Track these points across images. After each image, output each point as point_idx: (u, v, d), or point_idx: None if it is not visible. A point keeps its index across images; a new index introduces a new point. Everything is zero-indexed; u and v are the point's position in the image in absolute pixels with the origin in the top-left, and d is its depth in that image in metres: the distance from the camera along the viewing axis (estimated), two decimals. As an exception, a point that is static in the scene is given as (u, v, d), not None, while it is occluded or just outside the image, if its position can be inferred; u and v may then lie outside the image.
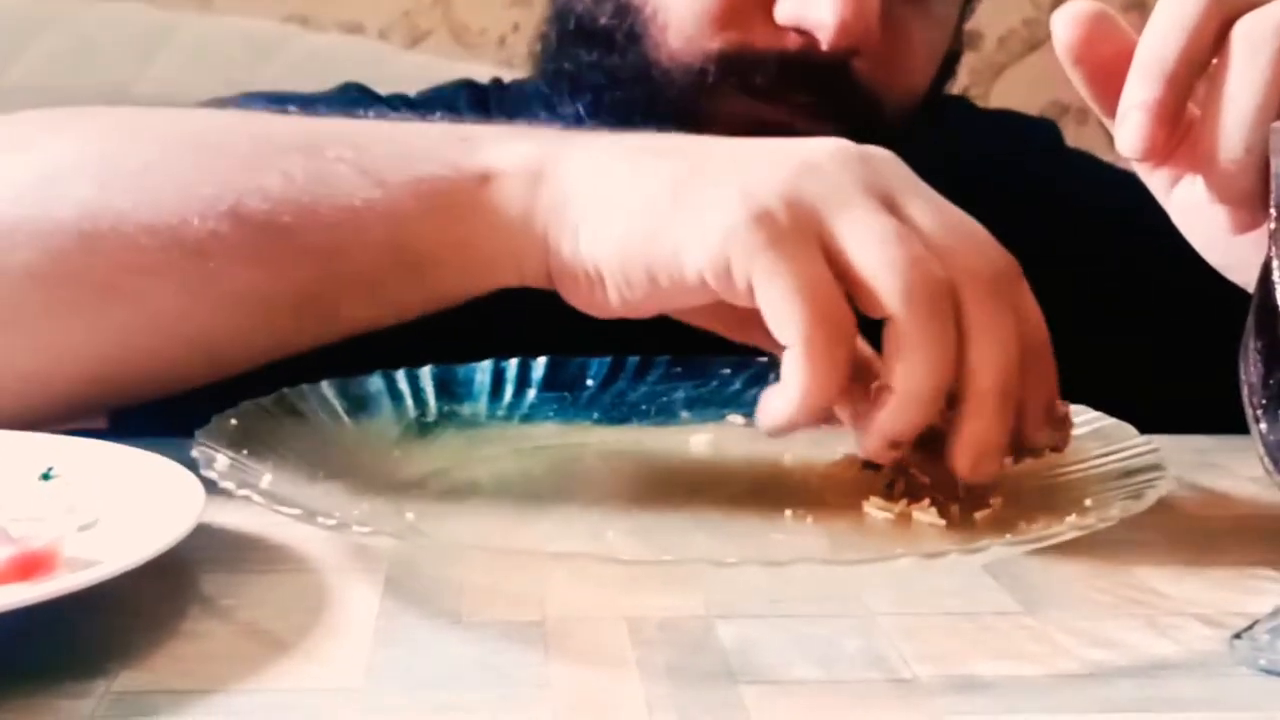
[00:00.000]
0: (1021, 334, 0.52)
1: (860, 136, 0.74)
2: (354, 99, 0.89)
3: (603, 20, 0.77)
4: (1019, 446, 0.54)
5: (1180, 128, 0.53)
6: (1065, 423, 0.55)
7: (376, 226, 0.59)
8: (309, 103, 0.85)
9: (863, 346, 0.54)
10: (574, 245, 0.57)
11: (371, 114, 0.69)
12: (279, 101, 0.84)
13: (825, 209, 0.52)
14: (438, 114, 0.72)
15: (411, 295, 0.61)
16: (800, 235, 0.51)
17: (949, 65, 0.82)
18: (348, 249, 0.59)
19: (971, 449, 0.52)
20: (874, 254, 0.51)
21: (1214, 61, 0.52)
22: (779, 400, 0.51)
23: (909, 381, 0.51)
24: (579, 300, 0.58)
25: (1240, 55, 0.51)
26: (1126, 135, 0.53)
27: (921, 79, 0.79)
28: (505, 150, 0.59)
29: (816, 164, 0.54)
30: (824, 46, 0.71)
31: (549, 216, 0.58)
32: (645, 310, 0.57)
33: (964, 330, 0.51)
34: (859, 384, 0.53)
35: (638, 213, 0.55)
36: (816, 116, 0.73)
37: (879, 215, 0.52)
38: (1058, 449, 0.55)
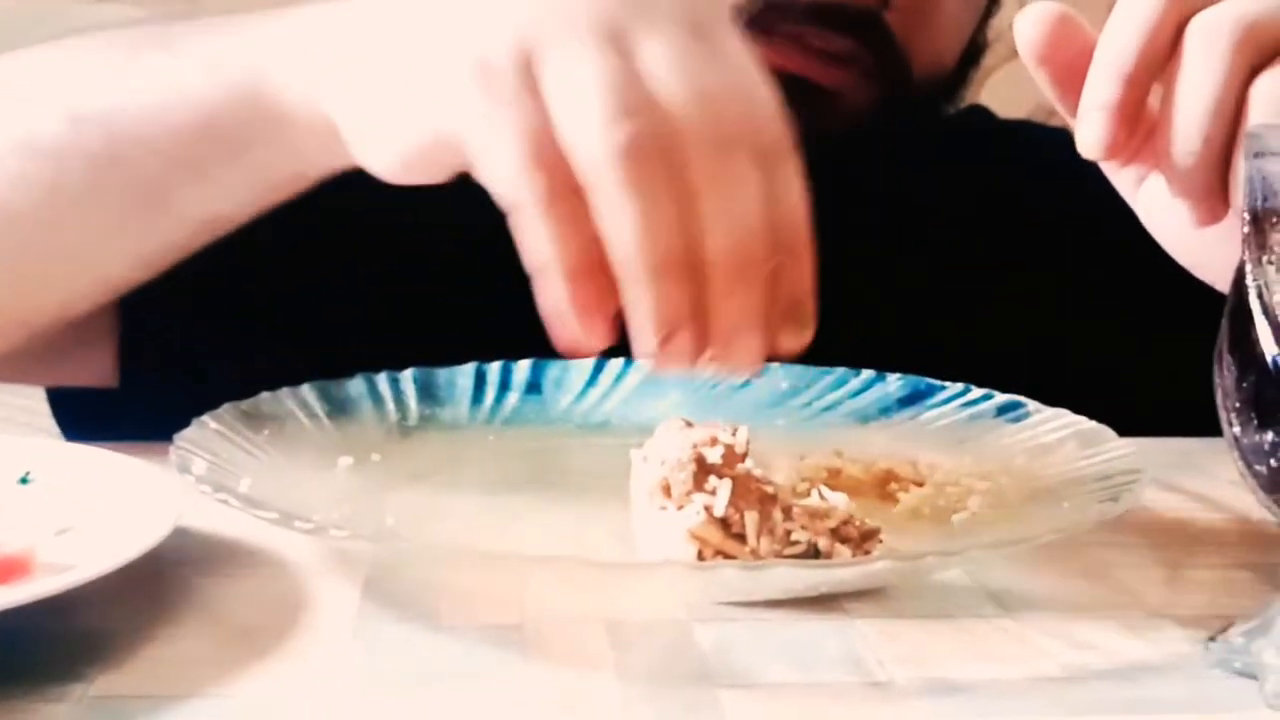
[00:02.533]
0: (776, 210, 0.47)
1: (892, 95, 0.75)
2: None
3: None
4: None
5: (1141, 127, 0.54)
6: (807, 323, 0.49)
7: (181, 110, 0.60)
8: None
9: None
10: (335, 107, 0.55)
11: None
12: None
13: (544, 45, 0.47)
14: None
15: (234, 178, 0.62)
16: (519, 81, 0.47)
17: (974, 52, 0.83)
18: (161, 134, 0.60)
19: (717, 327, 0.47)
20: (579, 103, 0.46)
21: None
22: (545, 296, 0.47)
23: (629, 252, 0.45)
24: (360, 161, 0.55)
25: (1195, 51, 0.52)
26: (1087, 135, 0.54)
27: (949, 50, 0.80)
28: (293, 17, 0.59)
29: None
30: None
31: (319, 79, 0.56)
32: (410, 175, 0.53)
33: (691, 193, 0.46)
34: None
35: (378, 72, 0.53)
36: (849, 68, 0.74)
37: (595, 58, 0.46)
38: (791, 351, 0.49)
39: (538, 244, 0.46)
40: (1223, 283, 0.46)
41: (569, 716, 0.42)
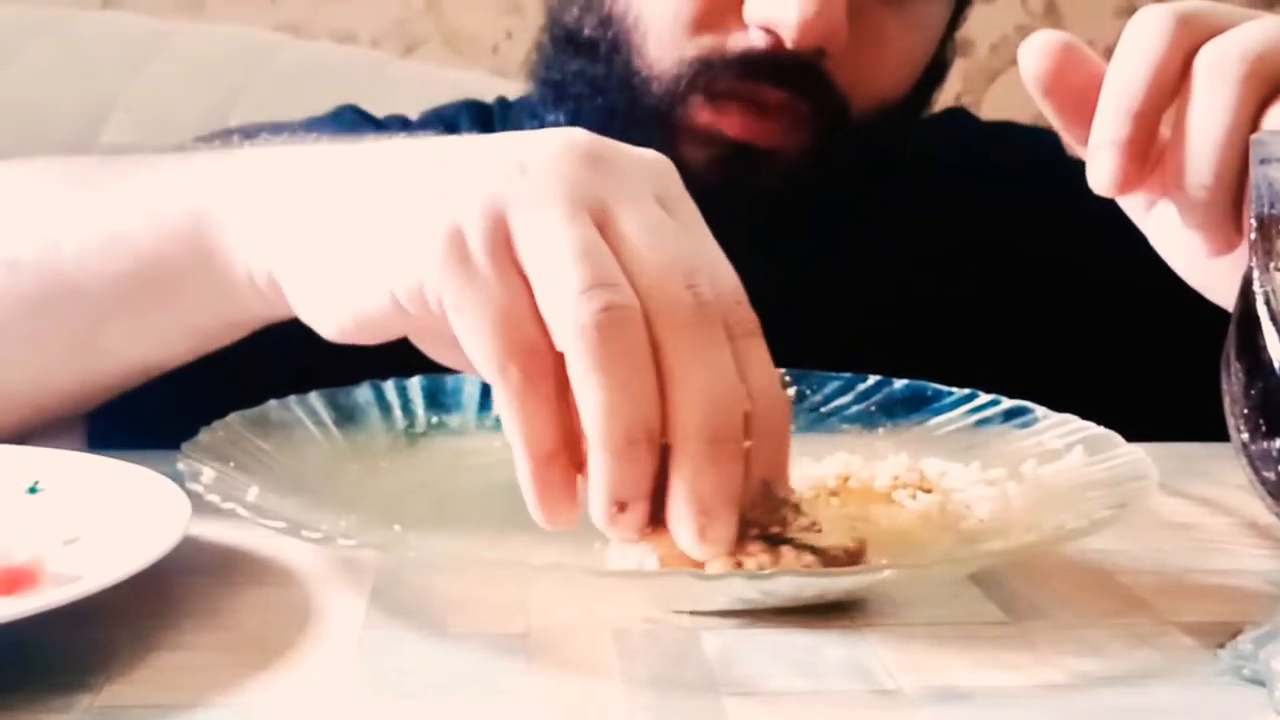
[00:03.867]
0: (752, 392, 0.46)
1: (831, 141, 0.74)
2: (349, 121, 0.89)
3: (588, 30, 0.78)
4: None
5: (1152, 156, 0.54)
6: (785, 507, 0.48)
7: (120, 253, 0.59)
8: (303, 129, 0.86)
9: None
10: (281, 270, 0.55)
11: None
12: (274, 131, 0.85)
13: (516, 215, 0.47)
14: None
15: (170, 325, 0.61)
16: (492, 252, 0.46)
17: (936, 74, 0.81)
18: (97, 281, 0.60)
19: (685, 505, 0.45)
20: (552, 275, 0.46)
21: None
22: (519, 469, 0.47)
23: (593, 427, 0.45)
24: (305, 320, 0.55)
25: (1206, 83, 0.52)
26: (1098, 173, 0.54)
27: (897, 84, 0.78)
28: (238, 166, 0.59)
29: (527, 163, 0.48)
30: (788, 44, 0.71)
31: (264, 237, 0.56)
32: (363, 337, 0.52)
33: (663, 369, 0.45)
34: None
35: (334, 236, 0.52)
36: (783, 126, 0.73)
37: (567, 228, 0.46)
38: (773, 532, 0.48)
39: (508, 425, 0.46)
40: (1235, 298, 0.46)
41: (576, 725, 0.42)
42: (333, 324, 0.52)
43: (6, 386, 0.63)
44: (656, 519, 0.46)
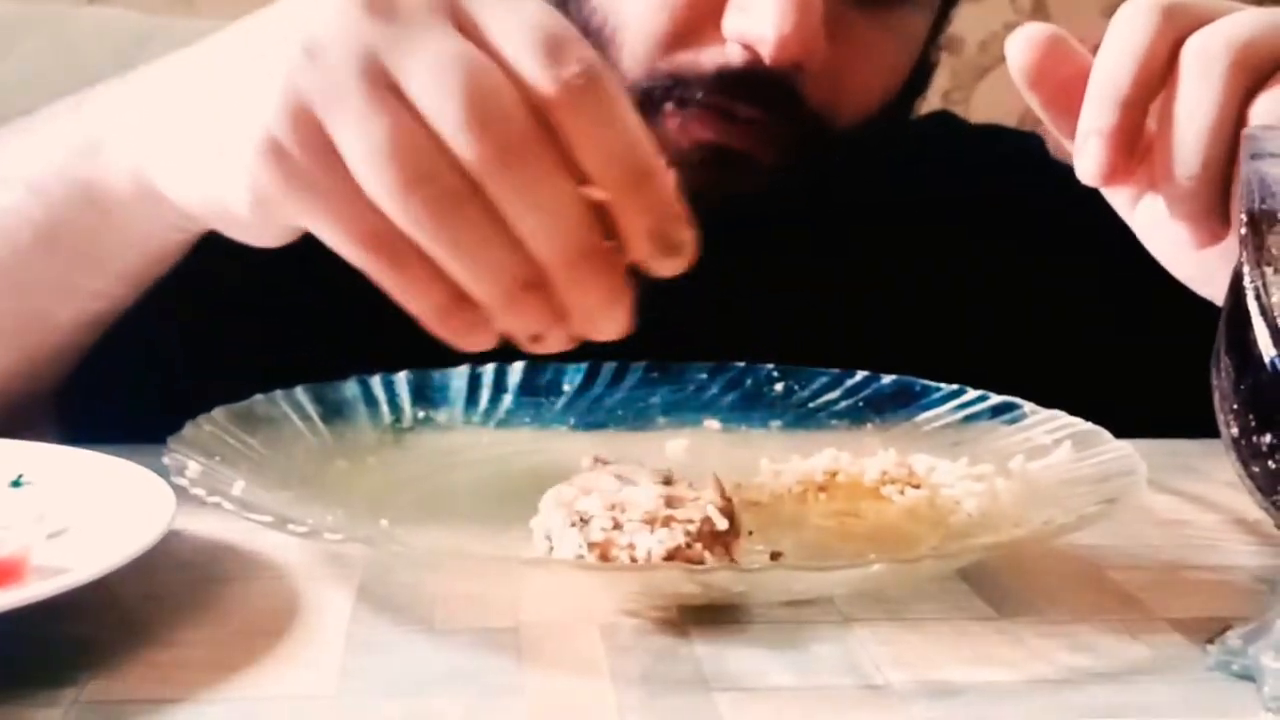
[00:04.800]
0: (595, 164, 0.46)
1: (812, 151, 0.74)
2: None
3: None
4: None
5: (1139, 148, 0.54)
6: (681, 246, 0.48)
7: (20, 230, 0.60)
8: None
9: None
10: (175, 198, 0.55)
11: None
12: None
13: (322, 113, 0.47)
14: None
15: (99, 280, 0.62)
16: (311, 154, 0.47)
17: (921, 77, 0.81)
18: (11, 258, 0.61)
19: (578, 320, 0.48)
20: (372, 175, 0.46)
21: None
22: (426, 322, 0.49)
23: (475, 292, 0.47)
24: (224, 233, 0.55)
25: (1193, 74, 0.52)
26: (1086, 162, 0.54)
27: (879, 94, 0.77)
28: (99, 113, 0.59)
29: (311, 43, 0.47)
30: (766, 61, 0.70)
31: (147, 173, 0.56)
32: (269, 240, 0.53)
33: (501, 213, 0.46)
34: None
35: (190, 154, 0.53)
36: (758, 137, 0.72)
37: (371, 118, 0.46)
38: (675, 272, 0.49)
39: (397, 297, 0.48)
40: (1222, 298, 0.46)
41: (564, 721, 0.42)
42: (242, 236, 0.53)
43: None
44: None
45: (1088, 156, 0.53)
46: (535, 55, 0.46)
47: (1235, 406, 0.44)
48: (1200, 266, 0.57)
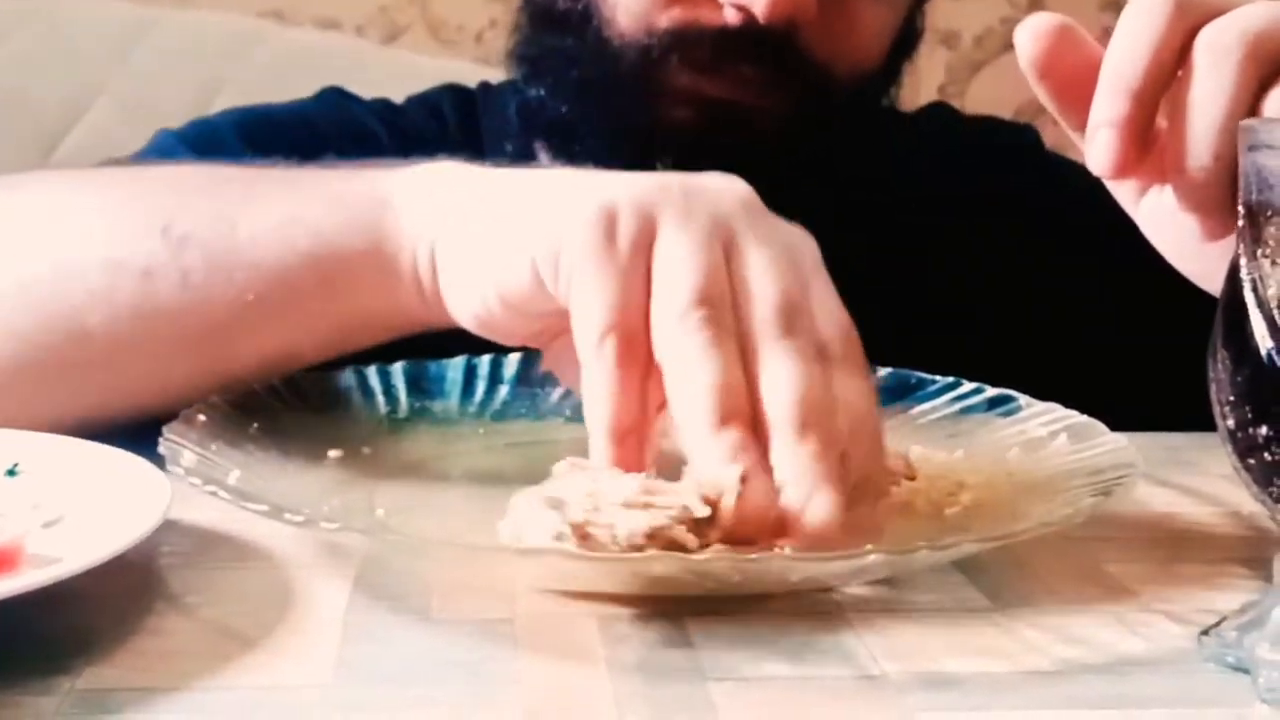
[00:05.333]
0: (846, 402, 0.50)
1: (810, 108, 0.75)
2: (334, 103, 0.89)
3: (560, 4, 0.79)
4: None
5: (1149, 140, 0.54)
6: (879, 496, 0.52)
7: (297, 233, 0.60)
8: (289, 112, 0.86)
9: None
10: (442, 252, 0.57)
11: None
12: (258, 116, 0.85)
13: (665, 222, 0.52)
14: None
15: (324, 313, 0.61)
16: (635, 245, 0.51)
17: (907, 43, 0.83)
18: (268, 257, 0.60)
19: (792, 481, 0.48)
20: (672, 281, 0.50)
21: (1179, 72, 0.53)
22: (592, 437, 0.51)
23: (691, 406, 0.49)
24: (452, 310, 0.58)
25: (1205, 65, 0.52)
26: (1097, 154, 0.53)
27: (869, 53, 0.80)
28: (409, 175, 0.60)
29: (689, 186, 0.53)
30: (760, 19, 0.72)
31: (432, 231, 0.58)
32: (496, 322, 0.56)
33: (751, 367, 0.50)
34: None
35: (493, 220, 0.56)
36: (764, 90, 0.74)
37: (703, 248, 0.51)
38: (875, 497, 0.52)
39: (592, 399, 0.51)
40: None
41: (560, 710, 0.41)
42: (478, 300, 0.56)
43: (139, 364, 0.61)
44: None
45: (1099, 148, 0.53)
46: (842, 324, 0.53)
47: (1232, 399, 0.44)
48: (1206, 260, 0.56)
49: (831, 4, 0.75)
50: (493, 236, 0.55)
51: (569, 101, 0.79)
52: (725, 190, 0.54)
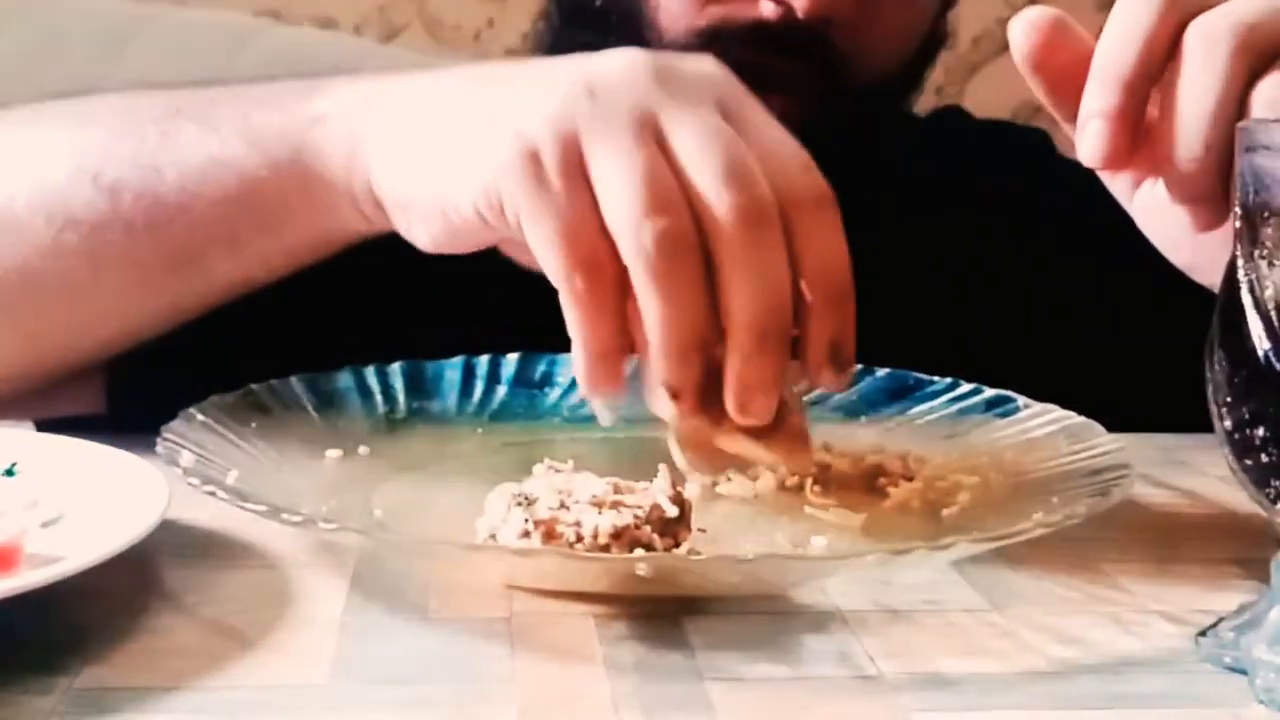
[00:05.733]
0: (811, 269, 0.50)
1: (832, 108, 0.75)
2: None
3: (598, 2, 0.80)
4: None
5: (1140, 132, 0.54)
6: (848, 364, 0.53)
7: (220, 181, 0.61)
8: None
9: None
10: (381, 180, 0.58)
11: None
12: None
13: (588, 138, 0.50)
14: None
15: (270, 245, 0.63)
16: (564, 172, 0.50)
17: (930, 49, 0.84)
18: (197, 205, 0.61)
19: (733, 386, 0.50)
20: (617, 198, 0.49)
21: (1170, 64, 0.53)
22: (574, 357, 0.51)
23: (653, 337, 0.49)
24: (402, 233, 0.58)
25: (1196, 56, 0.52)
26: (1088, 144, 0.53)
27: (895, 57, 0.80)
28: (336, 94, 0.61)
29: (596, 85, 0.52)
30: (799, 14, 0.73)
31: (368, 151, 0.58)
32: (455, 246, 0.56)
33: (718, 268, 0.49)
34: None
35: (425, 149, 0.56)
36: (791, 86, 0.74)
37: (633, 152, 0.50)
38: (835, 389, 0.54)
39: (570, 323, 0.50)
40: (1220, 284, 0.46)
41: (557, 710, 0.42)
42: (426, 235, 0.56)
43: (100, 311, 0.64)
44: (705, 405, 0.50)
45: (1090, 139, 0.53)
46: (789, 164, 0.51)
47: (1229, 400, 0.44)
48: (1199, 253, 0.57)
49: (865, 4, 0.76)
50: (431, 178, 0.55)
51: None
52: (627, 70, 0.52)
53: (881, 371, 0.67)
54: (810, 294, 0.50)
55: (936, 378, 0.66)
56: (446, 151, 0.54)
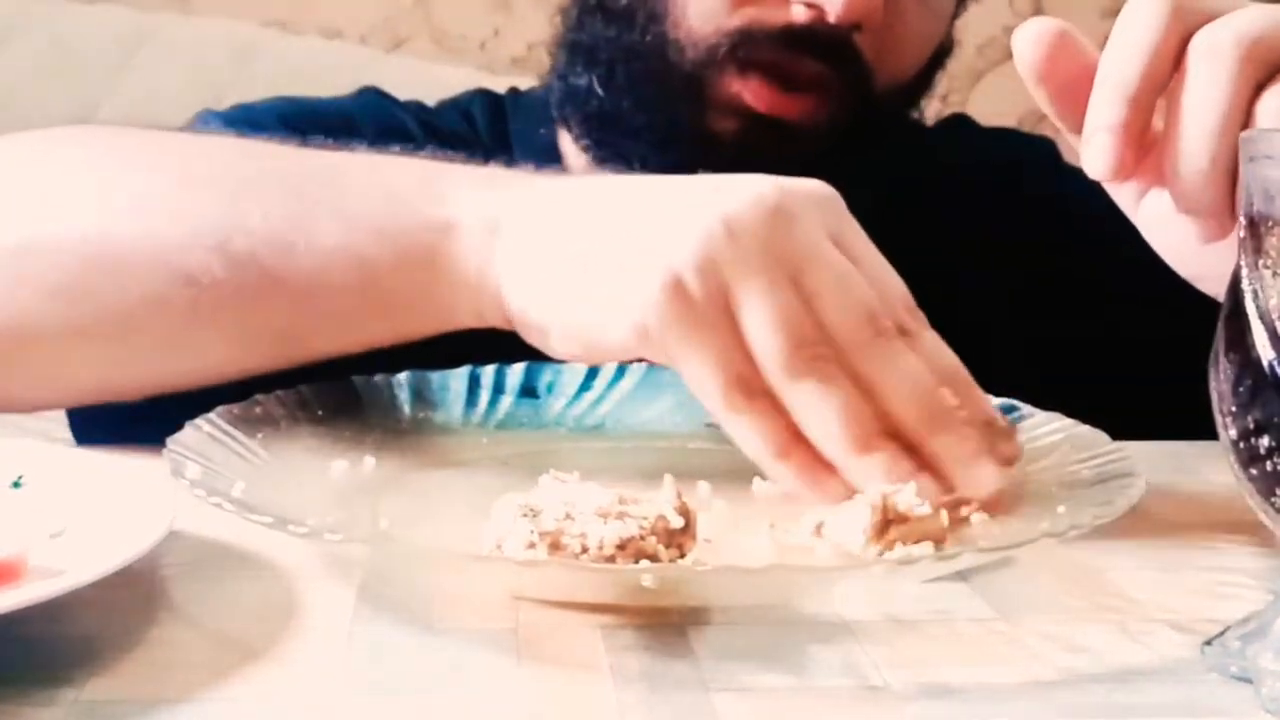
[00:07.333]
0: (934, 368, 0.55)
1: (853, 114, 0.75)
2: (373, 102, 0.89)
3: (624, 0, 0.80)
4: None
5: (1146, 144, 0.54)
6: (1009, 431, 0.57)
7: (348, 270, 0.61)
8: (331, 108, 0.86)
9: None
10: (514, 300, 0.59)
11: (364, 145, 0.69)
12: (301, 108, 0.85)
13: (733, 280, 0.54)
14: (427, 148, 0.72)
15: (379, 332, 0.63)
16: (710, 305, 0.53)
17: (940, 57, 0.85)
18: (320, 290, 0.61)
19: (950, 463, 0.53)
20: (766, 338, 0.53)
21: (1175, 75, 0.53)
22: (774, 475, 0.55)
23: (828, 441, 0.53)
24: (533, 344, 0.60)
25: (1201, 69, 0.52)
26: (1094, 158, 0.54)
27: (913, 62, 0.81)
28: (468, 200, 0.61)
29: (733, 224, 0.54)
30: (831, 19, 0.74)
31: (500, 269, 0.59)
32: (591, 360, 0.60)
33: (865, 385, 0.53)
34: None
35: (564, 279, 0.57)
36: (816, 94, 0.76)
37: (774, 294, 0.54)
38: (1011, 458, 0.56)
39: (745, 444, 0.54)
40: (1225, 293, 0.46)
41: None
42: (563, 351, 0.59)
43: (192, 364, 0.63)
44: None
45: (1095, 153, 0.53)
46: (893, 290, 0.56)
47: (1234, 409, 0.44)
48: (1205, 263, 0.57)
49: (892, 12, 0.76)
50: (573, 308, 0.57)
51: (618, 94, 0.80)
52: (757, 207, 0.55)
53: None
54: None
55: (942, 387, 0.65)
56: (589, 285, 0.56)
